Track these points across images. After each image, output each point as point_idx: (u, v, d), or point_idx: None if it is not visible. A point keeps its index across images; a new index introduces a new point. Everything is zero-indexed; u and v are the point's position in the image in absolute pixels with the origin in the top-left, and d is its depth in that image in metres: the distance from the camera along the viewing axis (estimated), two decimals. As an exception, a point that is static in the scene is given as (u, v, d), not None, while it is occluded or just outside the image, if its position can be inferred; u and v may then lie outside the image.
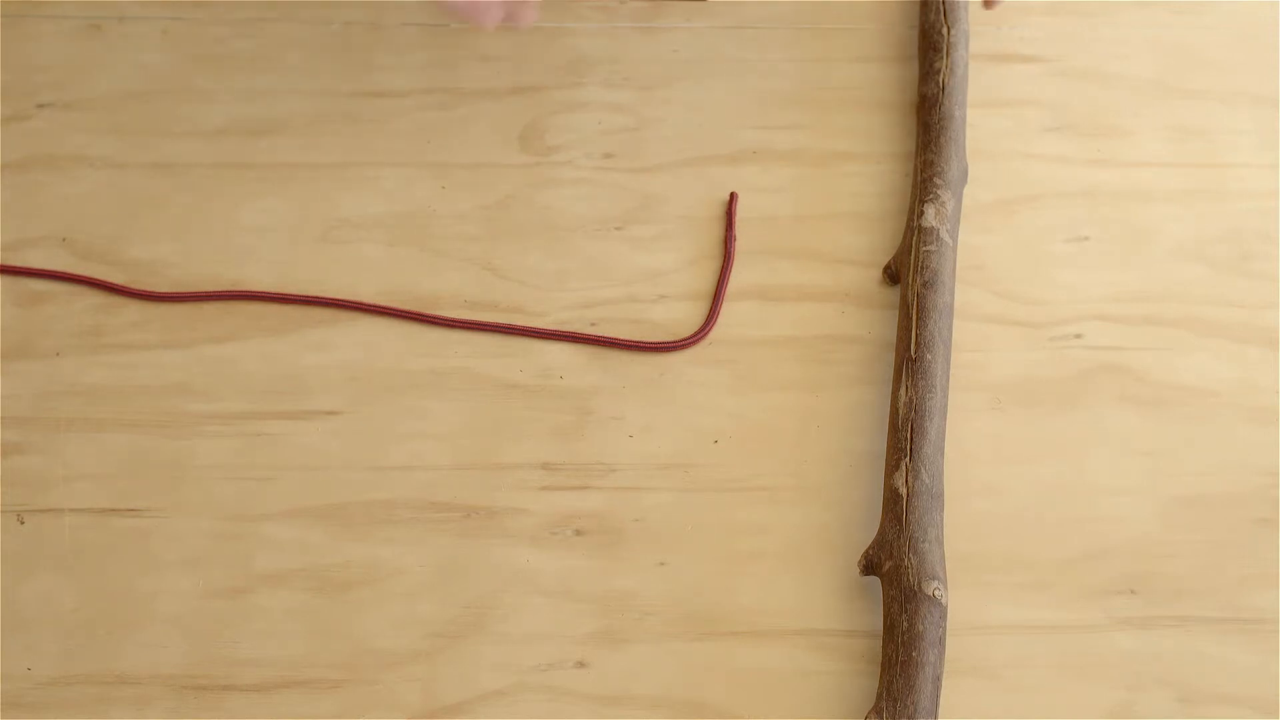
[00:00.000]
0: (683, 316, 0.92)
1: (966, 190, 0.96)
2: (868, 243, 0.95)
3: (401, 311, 0.92)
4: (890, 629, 0.77)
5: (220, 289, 0.93)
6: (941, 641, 0.76)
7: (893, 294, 0.93)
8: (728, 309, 0.92)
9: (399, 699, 0.78)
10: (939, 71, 0.98)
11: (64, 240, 0.95)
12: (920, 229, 0.91)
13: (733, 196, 0.97)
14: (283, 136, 1.00)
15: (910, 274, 0.89)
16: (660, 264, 0.94)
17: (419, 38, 1.05)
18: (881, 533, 0.80)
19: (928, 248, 0.90)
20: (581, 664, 0.80)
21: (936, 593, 0.77)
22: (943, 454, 0.83)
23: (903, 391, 0.84)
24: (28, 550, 0.83)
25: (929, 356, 0.85)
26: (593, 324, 0.92)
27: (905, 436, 0.82)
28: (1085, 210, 0.97)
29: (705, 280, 0.94)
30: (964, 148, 0.96)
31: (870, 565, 0.80)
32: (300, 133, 1.00)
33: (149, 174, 0.98)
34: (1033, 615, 0.81)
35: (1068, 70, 1.04)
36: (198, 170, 0.98)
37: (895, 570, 0.78)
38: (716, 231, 0.96)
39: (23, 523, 0.84)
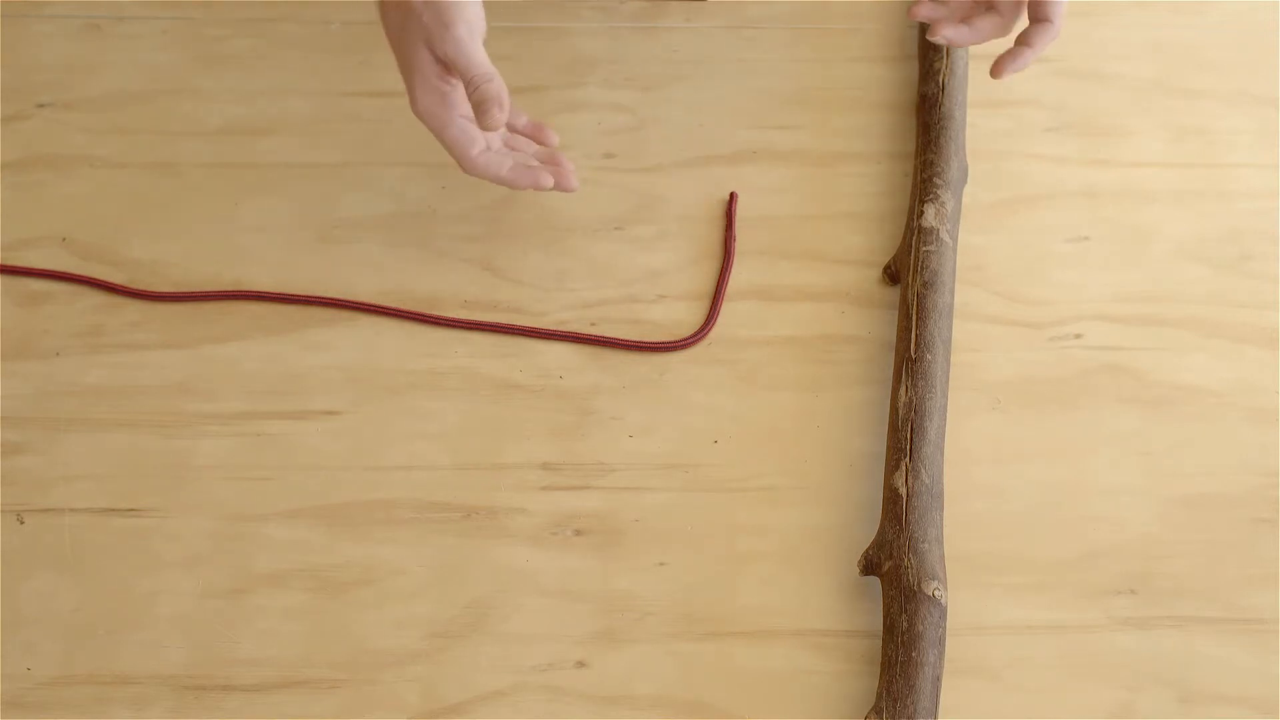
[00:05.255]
0: (683, 316, 0.92)
1: (966, 190, 0.96)
2: (868, 243, 0.95)
3: (401, 311, 0.92)
4: (890, 629, 0.77)
5: (220, 289, 0.93)
6: (941, 641, 0.76)
7: (893, 294, 0.93)
8: (728, 309, 0.92)
9: (399, 699, 0.78)
10: (939, 71, 0.98)
11: (64, 240, 0.95)
12: (920, 229, 0.91)
13: (733, 196, 0.97)
14: (283, 136, 1.00)
15: (910, 274, 0.89)
16: (660, 264, 0.94)
17: (419, 38, 1.05)
18: (881, 533, 0.80)
19: (928, 248, 0.90)
20: (581, 664, 0.79)
21: (936, 593, 0.77)
22: (943, 454, 0.83)
23: (903, 391, 0.84)
24: (28, 550, 0.83)
25: (929, 356, 0.85)
26: (593, 324, 0.92)
27: (905, 436, 0.82)
28: (1085, 210, 0.97)
29: (705, 280, 0.94)
30: (964, 148, 0.96)
31: (870, 565, 0.80)
32: (300, 133, 1.00)
33: (149, 174, 0.98)
34: (1033, 615, 0.81)
35: (1068, 70, 1.04)
36: (198, 170, 0.98)
37: (895, 570, 0.78)
38: (716, 231, 0.96)
39: (23, 523, 0.84)
